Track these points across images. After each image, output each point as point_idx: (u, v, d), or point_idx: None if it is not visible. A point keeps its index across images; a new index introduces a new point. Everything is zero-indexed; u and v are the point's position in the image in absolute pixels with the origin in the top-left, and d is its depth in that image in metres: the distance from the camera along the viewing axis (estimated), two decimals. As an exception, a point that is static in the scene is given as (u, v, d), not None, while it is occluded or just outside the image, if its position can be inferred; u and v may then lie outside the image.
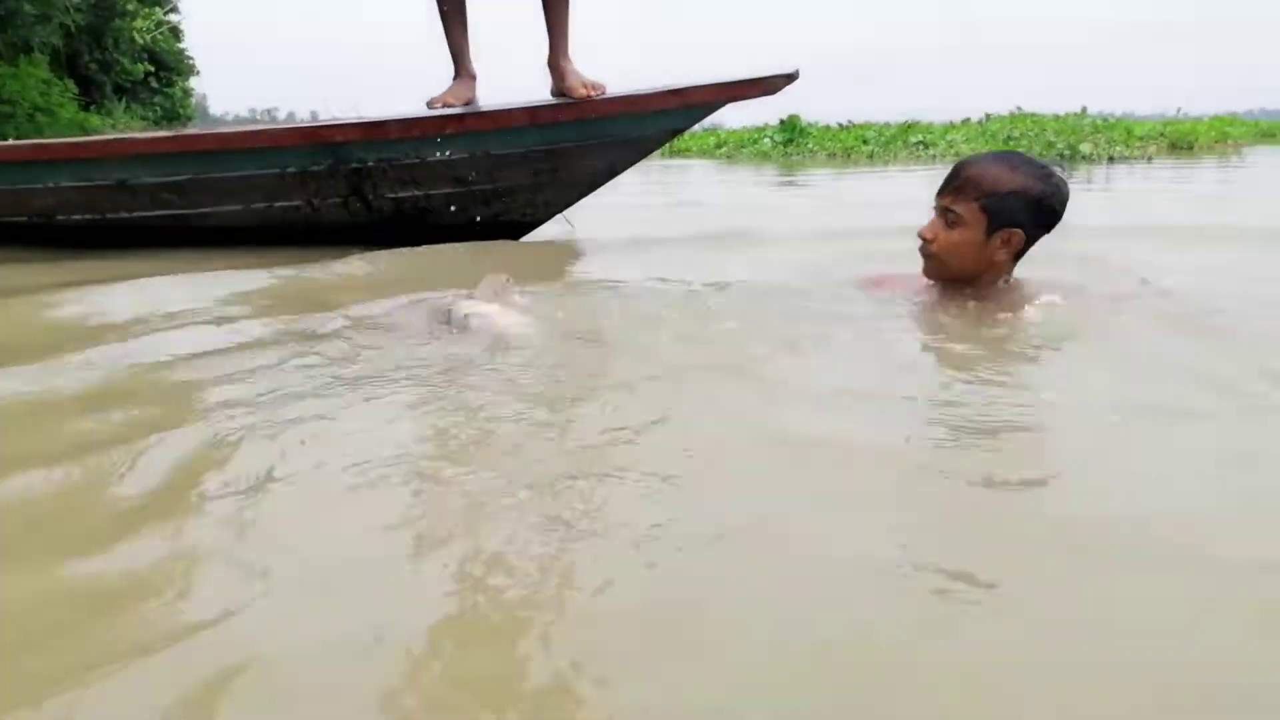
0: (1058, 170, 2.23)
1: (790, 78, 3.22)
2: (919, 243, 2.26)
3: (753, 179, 9.53)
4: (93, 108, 24.74)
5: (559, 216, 3.81)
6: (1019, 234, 2.19)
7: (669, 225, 4.37)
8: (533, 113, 3.40)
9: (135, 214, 3.91)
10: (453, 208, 3.66)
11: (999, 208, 2.17)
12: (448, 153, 3.51)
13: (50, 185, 3.67)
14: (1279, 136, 18.06)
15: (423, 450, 1.43)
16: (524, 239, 3.85)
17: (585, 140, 3.42)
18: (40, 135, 19.46)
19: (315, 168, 3.65)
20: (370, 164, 3.58)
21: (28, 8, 24.45)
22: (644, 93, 3.35)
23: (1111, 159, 11.71)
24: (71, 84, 24.09)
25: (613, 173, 3.55)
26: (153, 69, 29.74)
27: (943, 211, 2.22)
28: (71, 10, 25.33)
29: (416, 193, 3.64)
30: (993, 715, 0.83)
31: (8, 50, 24.45)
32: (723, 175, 10.56)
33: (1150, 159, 12.09)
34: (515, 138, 3.45)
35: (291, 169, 3.67)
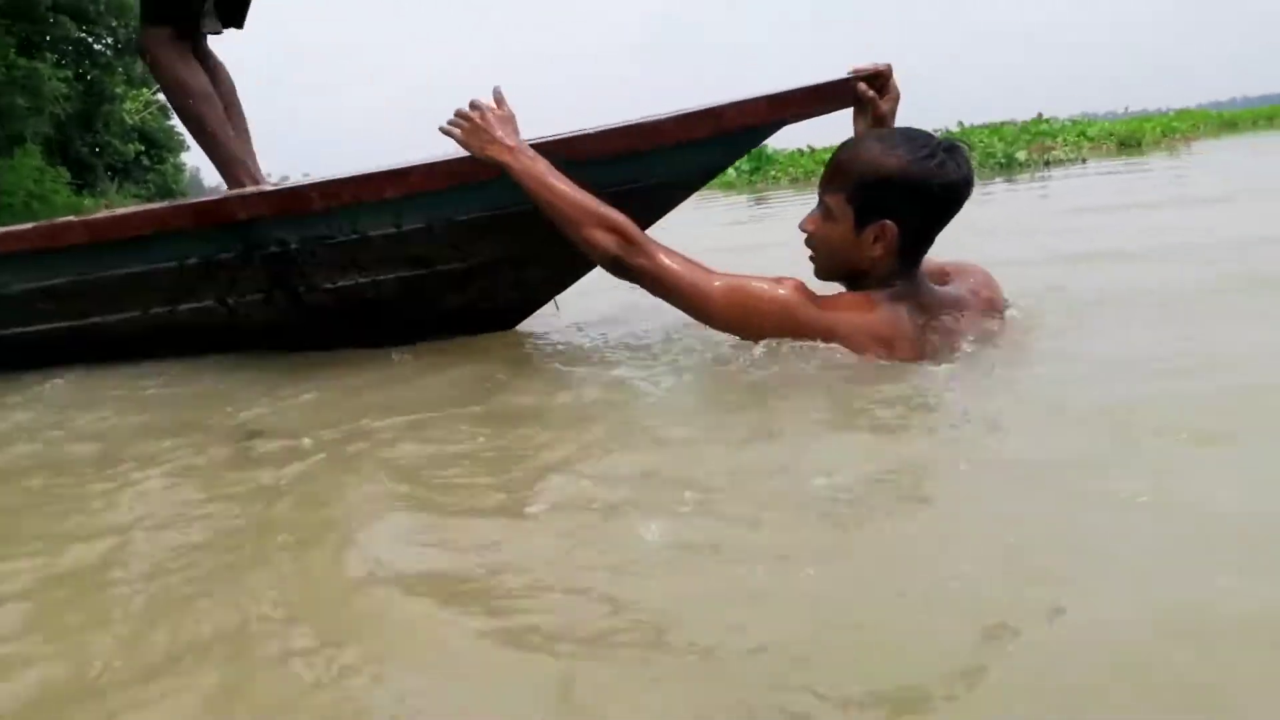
0: (959, 148, 1.76)
1: (880, 76, 1.95)
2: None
3: (729, 213, 8.35)
4: (86, 191, 23.46)
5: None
6: (891, 227, 1.76)
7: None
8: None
9: (9, 330, 2.71)
10: (413, 296, 2.47)
11: (867, 197, 1.77)
12: (397, 224, 2.33)
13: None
14: (1240, 127, 17.26)
15: None
16: (520, 326, 2.67)
17: (604, 187, 2.22)
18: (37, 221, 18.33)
19: (223, 255, 2.45)
20: (293, 246, 2.38)
21: (20, 101, 23.34)
22: (661, 119, 2.16)
23: (1047, 164, 11.03)
24: (64, 170, 22.90)
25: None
26: (143, 148, 28.31)
27: (820, 202, 1.85)
28: (61, 100, 24.08)
29: (361, 279, 2.44)
30: None
31: (3, 144, 23.33)
32: (696, 208, 9.40)
33: (1084, 161, 11.62)
34: (485, 195, 2.26)
35: (192, 259, 2.47)
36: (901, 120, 1.98)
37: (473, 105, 2.12)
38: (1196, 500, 1.11)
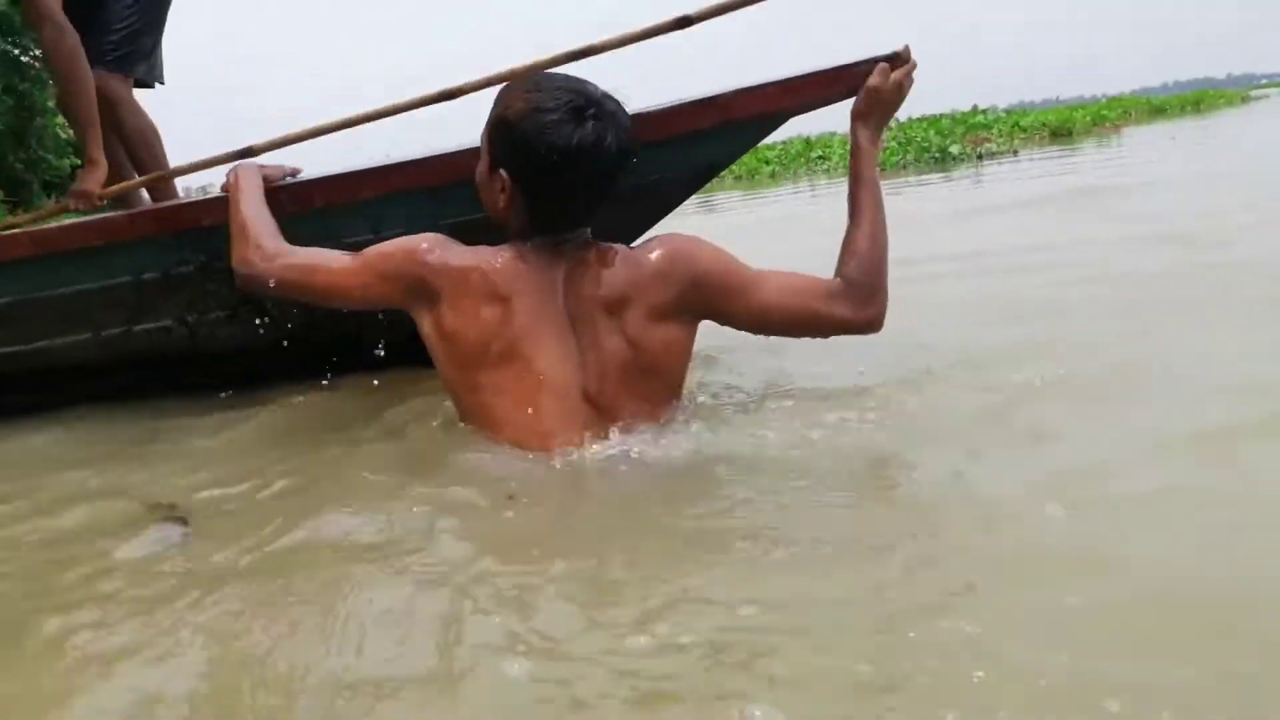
0: (602, 113, 1.55)
1: (900, 59, 1.73)
2: None
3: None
4: (20, 208, 22.52)
5: None
6: (505, 177, 1.62)
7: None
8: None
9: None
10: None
11: (492, 140, 1.65)
12: (375, 229, 2.12)
13: None
14: (1169, 113, 17.66)
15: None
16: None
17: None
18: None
19: (183, 268, 2.23)
20: None
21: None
22: (661, 109, 1.97)
23: (980, 156, 11.25)
24: (-2, 190, 21.95)
25: (633, 235, 2.15)
26: (79, 163, 27.16)
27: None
28: (-9, 112, 23.13)
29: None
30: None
31: (-70, 159, 22.41)
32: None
33: (1015, 152, 11.78)
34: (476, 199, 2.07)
35: (149, 274, 2.24)
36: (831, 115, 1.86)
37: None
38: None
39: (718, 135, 1.94)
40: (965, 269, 3.23)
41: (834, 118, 3.10)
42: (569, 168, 1.55)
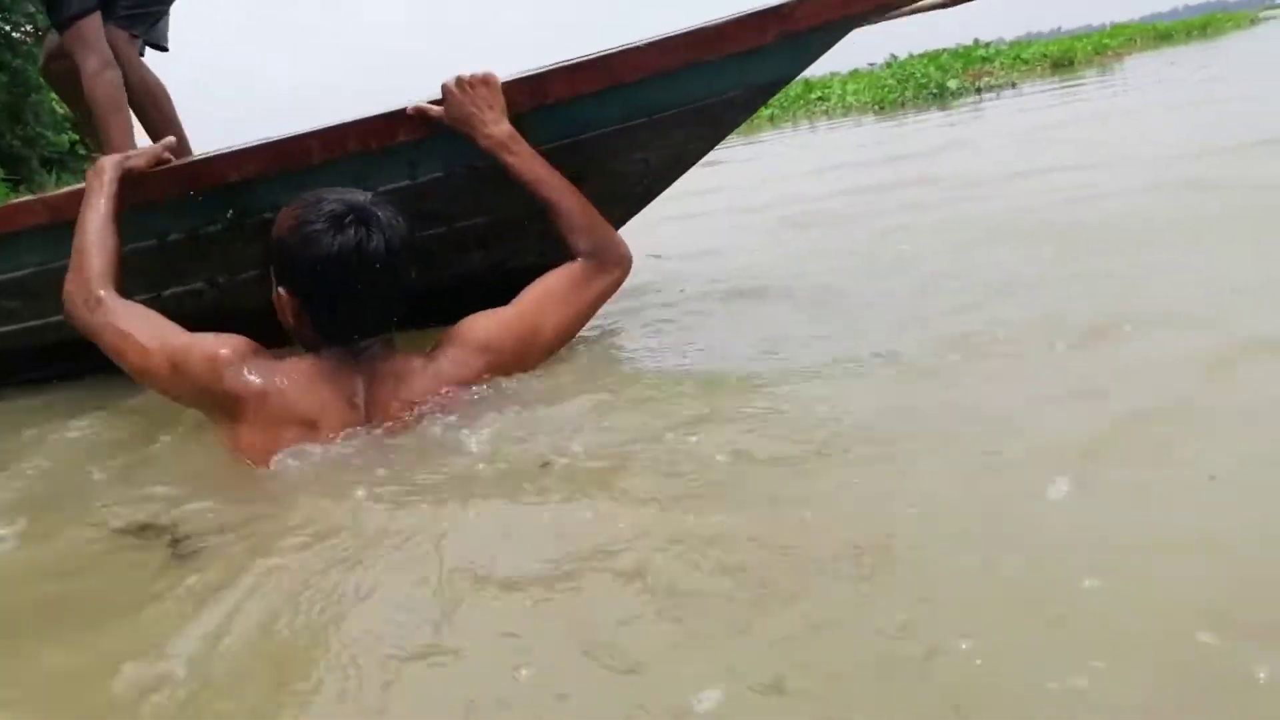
0: (362, 217, 1.54)
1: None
2: None
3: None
4: (22, 186, 22.26)
5: None
6: (284, 295, 1.59)
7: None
8: (535, 86, 1.86)
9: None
10: (431, 260, 2.12)
11: (270, 259, 1.64)
12: (413, 174, 1.97)
13: None
14: (1174, 39, 17.25)
15: None
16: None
17: (626, 120, 1.89)
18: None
19: (211, 228, 2.08)
20: None
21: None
22: (719, 23, 1.79)
23: (979, 90, 11.02)
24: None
25: (678, 166, 2.01)
26: (78, 137, 26.86)
27: None
28: (-9, 90, 22.78)
29: (373, 243, 2.09)
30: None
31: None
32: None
33: (1015, 85, 11.46)
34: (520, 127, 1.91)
35: (174, 235, 2.10)
36: (843, 49, 1.84)
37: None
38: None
39: (781, 49, 1.77)
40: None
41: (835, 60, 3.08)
42: (337, 275, 1.53)
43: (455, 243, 2.08)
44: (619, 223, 2.10)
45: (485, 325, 1.68)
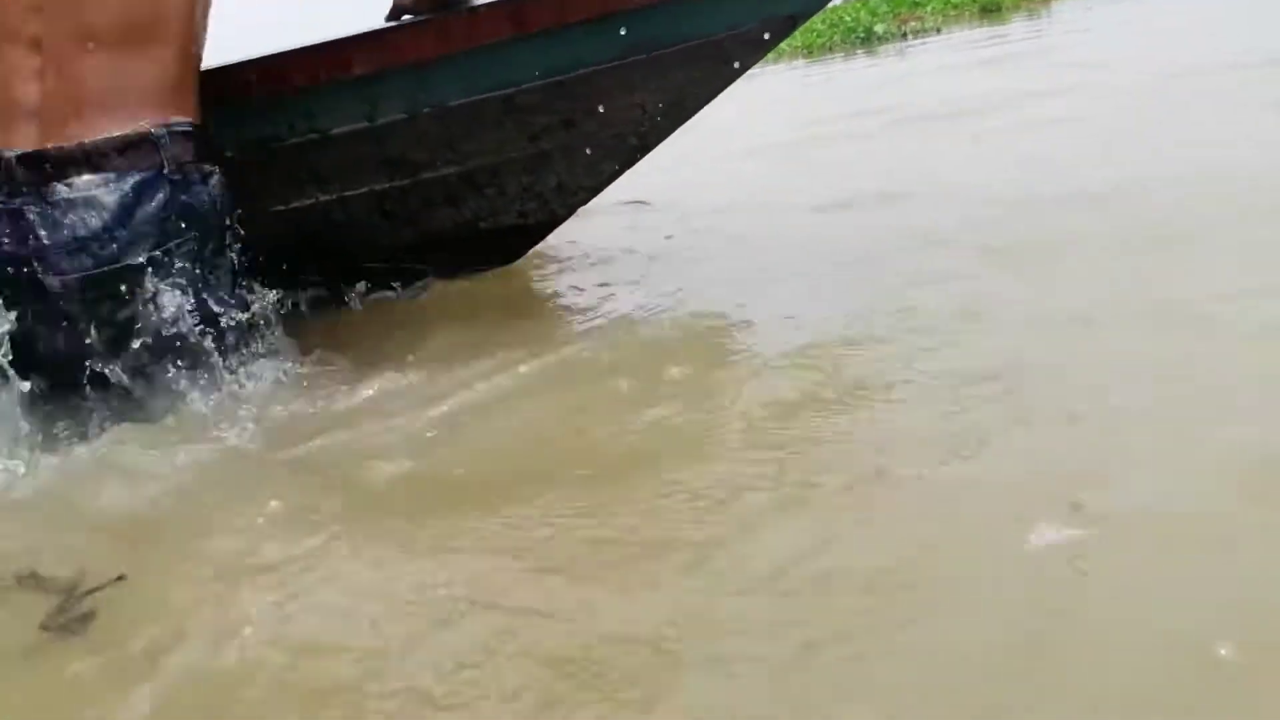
0: None
1: None
2: None
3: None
4: None
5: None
6: None
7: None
8: (516, 11, 1.58)
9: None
10: (384, 217, 1.82)
11: None
12: (368, 114, 1.67)
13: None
14: None
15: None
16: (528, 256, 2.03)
17: (626, 56, 1.62)
18: None
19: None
20: (227, 155, 1.68)
21: None
22: None
23: (905, 35, 11.10)
24: None
25: (679, 113, 1.74)
26: None
27: None
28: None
29: (322, 197, 1.78)
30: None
31: None
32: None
33: (939, 30, 11.48)
34: (489, 70, 1.63)
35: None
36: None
37: None
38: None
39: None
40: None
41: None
42: None
43: (421, 197, 1.78)
44: (611, 178, 1.84)
45: None
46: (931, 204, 2.08)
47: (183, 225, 1.35)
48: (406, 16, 1.65)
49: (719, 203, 2.49)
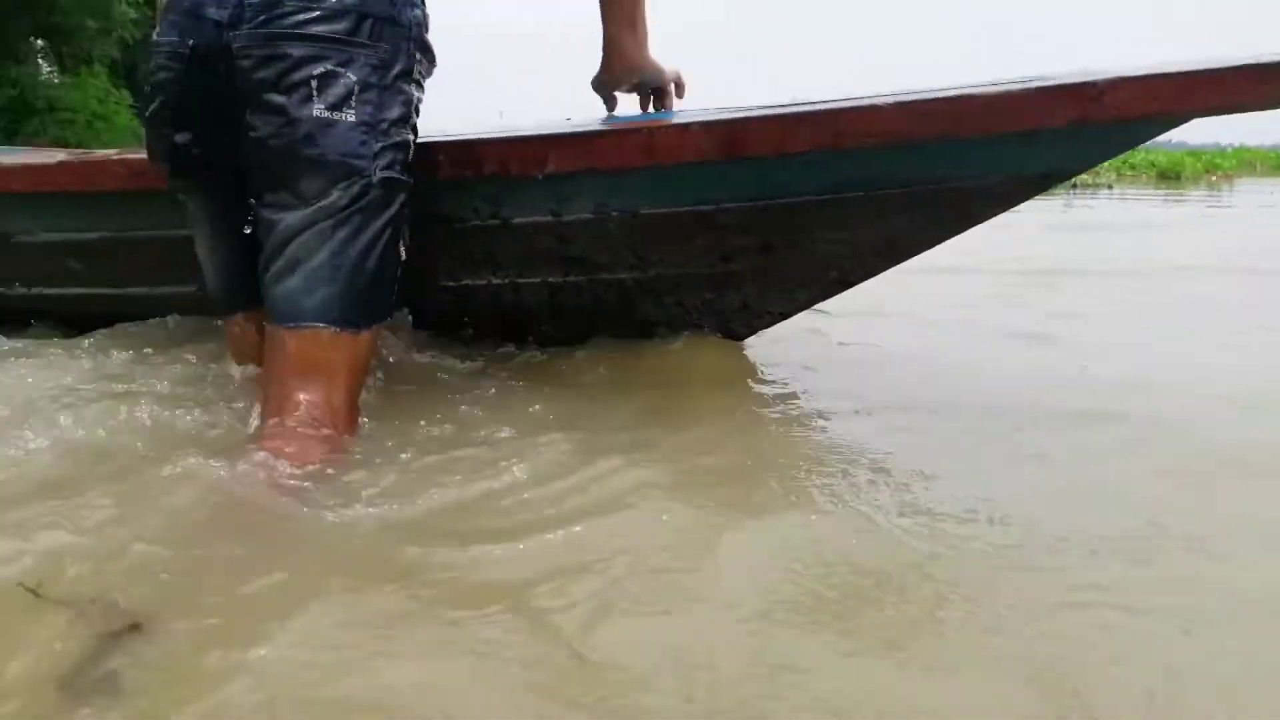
0: None
1: None
2: None
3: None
4: (149, 115, 22.80)
5: None
6: None
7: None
8: (729, 134, 1.42)
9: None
10: (553, 307, 1.71)
11: None
12: (554, 210, 1.56)
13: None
14: None
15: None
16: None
17: (842, 190, 1.45)
18: (98, 141, 17.75)
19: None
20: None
21: (90, 23, 22.74)
22: (1004, 92, 1.34)
23: (1075, 186, 10.69)
24: (127, 94, 22.22)
25: (895, 254, 1.56)
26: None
27: None
28: (130, 25, 23.47)
29: (496, 280, 1.69)
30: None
31: (71, 62, 22.76)
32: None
33: (1110, 187, 11.38)
34: (689, 184, 1.49)
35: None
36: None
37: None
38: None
39: (1071, 136, 1.31)
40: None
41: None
42: None
43: (595, 295, 1.67)
44: (803, 306, 1.68)
45: None
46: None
47: None
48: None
49: (899, 311, 2.28)
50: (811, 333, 2.02)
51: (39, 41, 22.78)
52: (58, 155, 2.13)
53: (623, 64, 1.67)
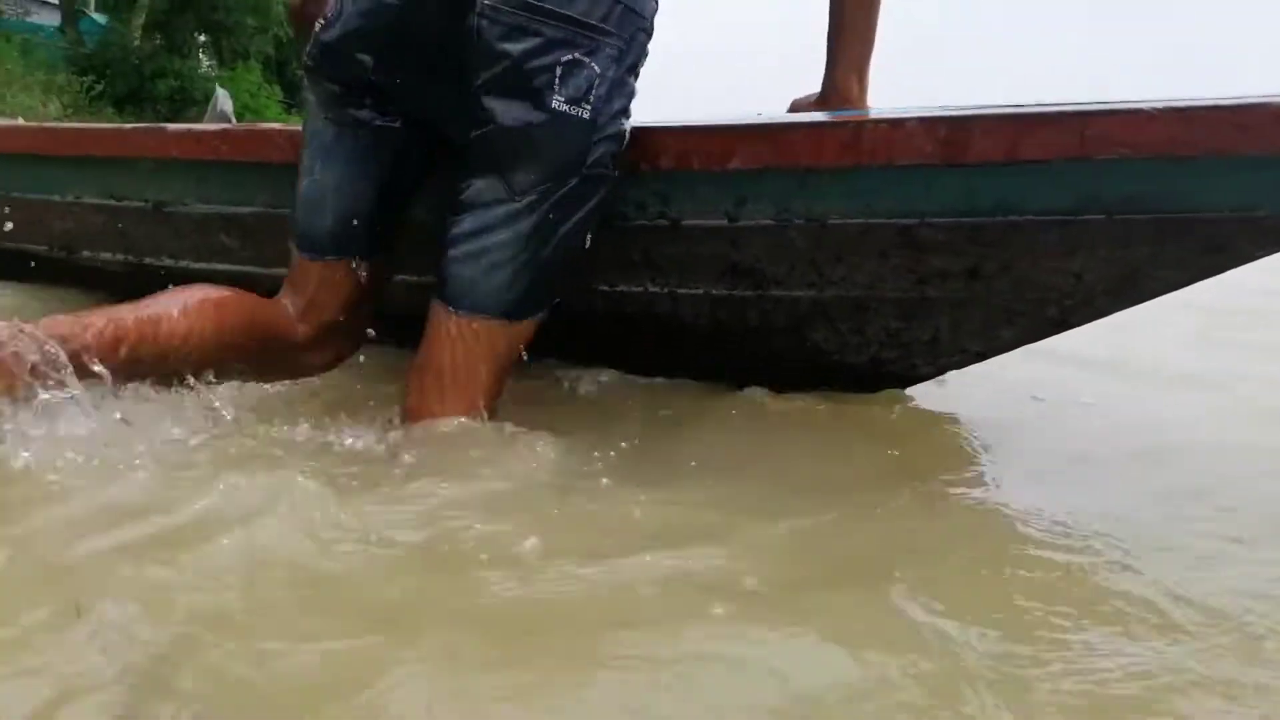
0: None
1: None
2: None
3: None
4: (294, 110, 23.89)
5: None
6: None
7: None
8: (952, 134, 1.22)
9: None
10: (714, 324, 1.53)
11: None
12: (729, 213, 1.38)
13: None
14: None
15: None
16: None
17: (1079, 212, 1.22)
18: (249, 133, 18.70)
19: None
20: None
21: (250, 21, 24.08)
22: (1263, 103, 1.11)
23: None
24: (278, 89, 23.38)
25: (1132, 293, 1.30)
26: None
27: None
28: (284, 23, 24.73)
29: (653, 288, 1.52)
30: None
31: (229, 56, 24.11)
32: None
33: None
34: (892, 192, 1.29)
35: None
36: None
37: None
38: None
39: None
40: None
41: None
42: None
43: (762, 313, 1.48)
44: (1006, 348, 1.45)
45: None
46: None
47: None
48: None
49: (1097, 361, 2.00)
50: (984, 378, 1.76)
51: (202, 37, 24.17)
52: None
53: (842, 107, 1.50)
